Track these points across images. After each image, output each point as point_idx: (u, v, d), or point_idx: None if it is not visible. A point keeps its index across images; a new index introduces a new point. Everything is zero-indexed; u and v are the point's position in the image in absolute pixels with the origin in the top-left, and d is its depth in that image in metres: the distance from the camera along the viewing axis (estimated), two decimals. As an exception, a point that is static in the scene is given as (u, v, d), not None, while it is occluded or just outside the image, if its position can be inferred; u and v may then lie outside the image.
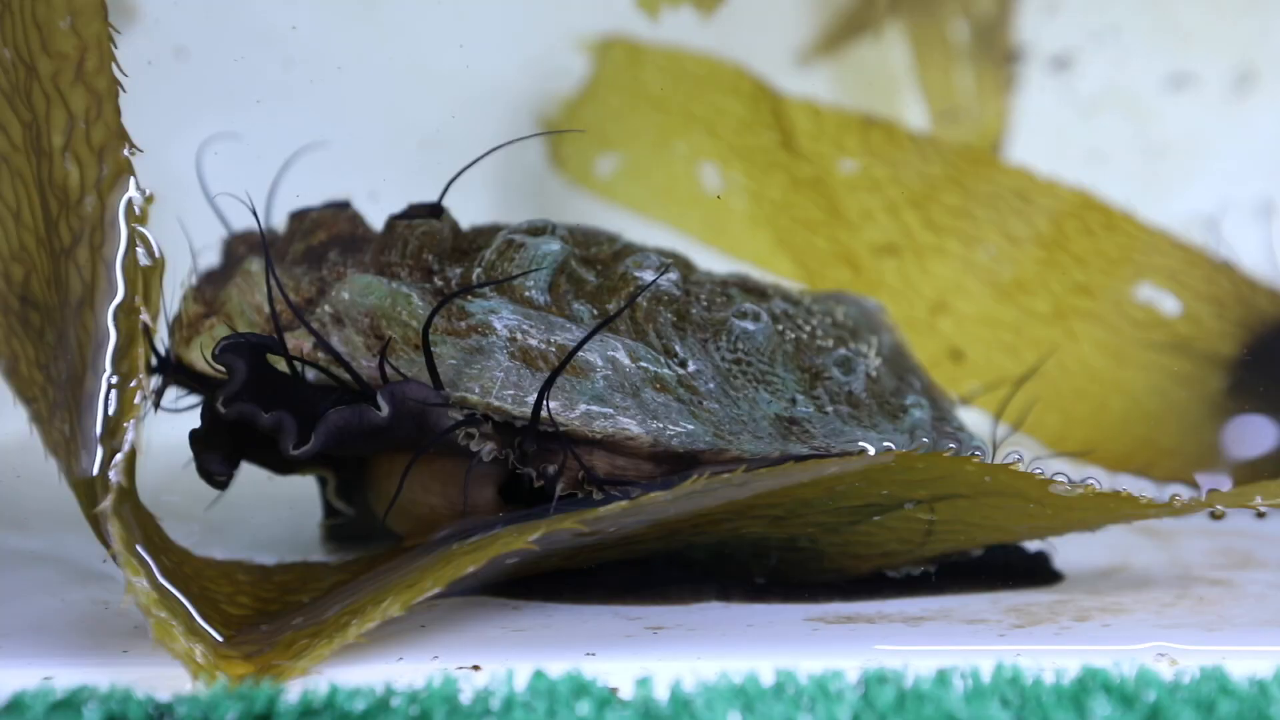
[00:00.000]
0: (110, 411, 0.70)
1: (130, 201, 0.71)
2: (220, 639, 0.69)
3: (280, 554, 0.88)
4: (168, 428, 0.80)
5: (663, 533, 0.77)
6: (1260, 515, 0.78)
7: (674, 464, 0.74)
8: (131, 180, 0.72)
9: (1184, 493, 0.80)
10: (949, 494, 0.74)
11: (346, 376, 0.74)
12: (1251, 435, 1.14)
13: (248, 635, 0.71)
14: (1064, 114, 1.32)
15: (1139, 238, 1.16)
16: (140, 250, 0.71)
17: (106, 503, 0.67)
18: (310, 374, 0.75)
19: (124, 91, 0.72)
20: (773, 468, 0.71)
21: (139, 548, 0.68)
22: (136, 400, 0.69)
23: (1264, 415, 1.14)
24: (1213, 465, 1.15)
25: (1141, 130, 1.32)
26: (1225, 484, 1.10)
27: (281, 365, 0.75)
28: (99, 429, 0.69)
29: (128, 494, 0.69)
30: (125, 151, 0.71)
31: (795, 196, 1.21)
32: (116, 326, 0.70)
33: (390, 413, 0.72)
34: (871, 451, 0.76)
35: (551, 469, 0.74)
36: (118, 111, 0.72)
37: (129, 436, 0.68)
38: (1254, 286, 1.15)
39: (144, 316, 0.70)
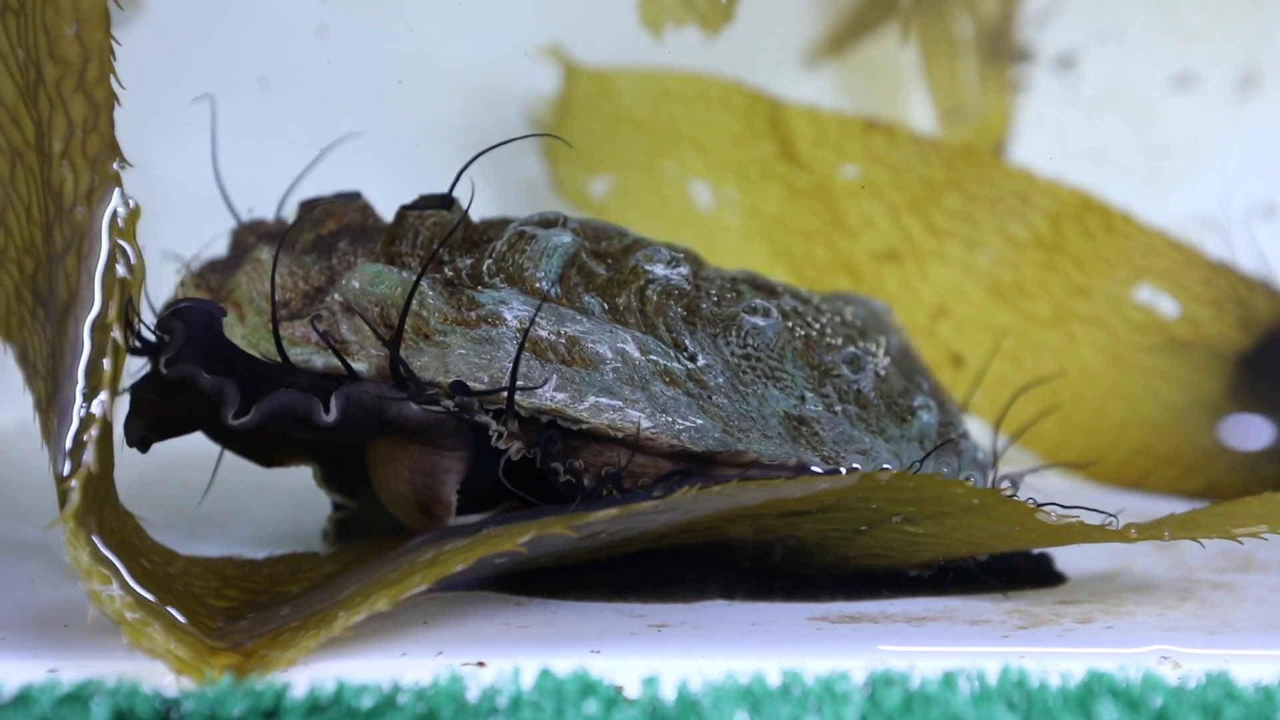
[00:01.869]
0: (80, 422, 0.70)
1: (114, 214, 0.71)
2: (205, 633, 0.69)
3: (281, 547, 0.87)
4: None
5: (653, 538, 0.77)
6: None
7: (691, 463, 0.74)
8: (117, 193, 0.72)
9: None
10: (937, 512, 0.75)
11: (356, 366, 0.74)
12: (1248, 431, 1.15)
13: (234, 626, 0.71)
14: (1067, 114, 1.32)
15: (1137, 239, 1.16)
16: (120, 265, 0.71)
17: (65, 513, 0.66)
18: (319, 362, 0.75)
19: (119, 105, 0.72)
20: (763, 482, 0.71)
21: (109, 553, 0.67)
22: (98, 412, 0.69)
23: (1261, 415, 1.14)
24: (1210, 473, 1.15)
25: (1144, 130, 1.32)
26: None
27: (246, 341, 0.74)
28: (70, 441, 0.69)
29: (93, 504, 0.68)
30: (115, 165, 0.72)
31: (793, 206, 1.21)
32: (92, 340, 0.70)
33: (338, 417, 0.72)
34: (858, 469, 0.76)
35: (578, 464, 0.74)
36: (112, 124, 0.72)
37: (89, 454, 0.68)
38: (1252, 287, 1.15)
39: (115, 334, 0.70)
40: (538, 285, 0.76)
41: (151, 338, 0.78)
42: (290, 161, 0.88)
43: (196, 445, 0.83)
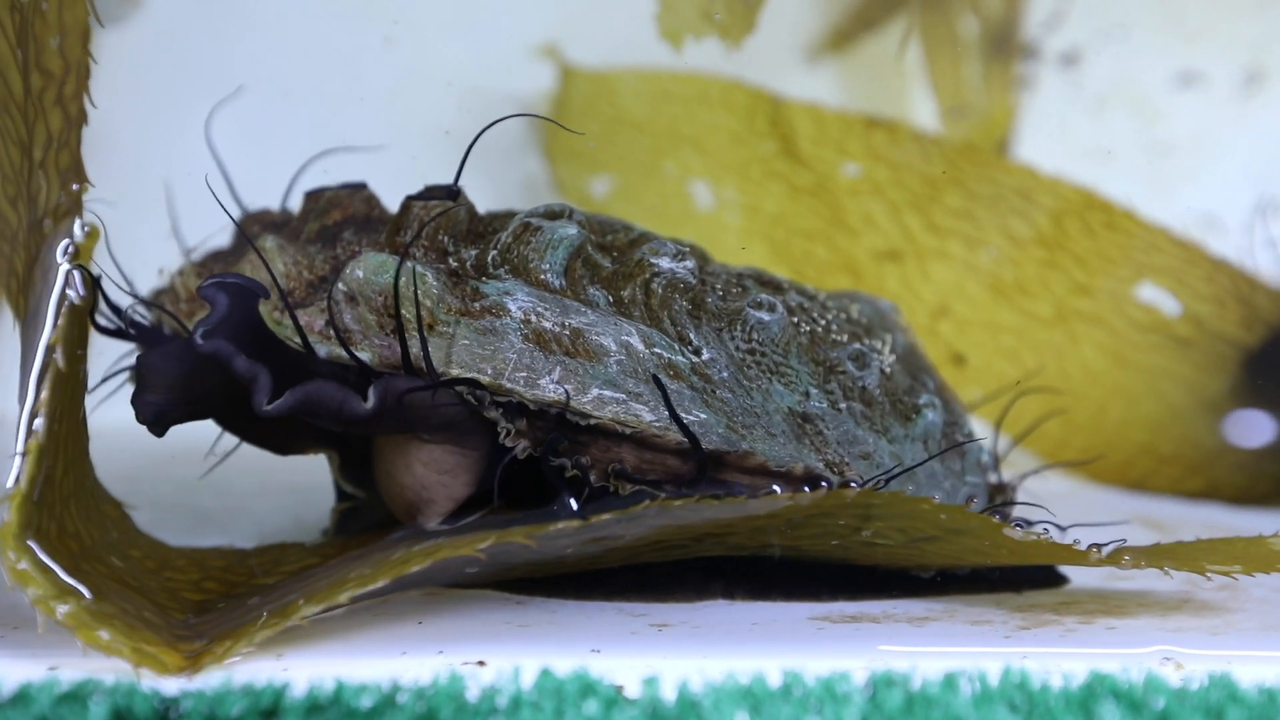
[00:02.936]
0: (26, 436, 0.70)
1: (70, 237, 0.72)
2: (172, 627, 0.69)
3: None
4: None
5: (625, 555, 0.77)
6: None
7: (702, 459, 0.74)
8: (76, 218, 0.72)
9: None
10: (907, 527, 0.75)
11: (361, 358, 0.73)
12: (1251, 429, 1.15)
13: (202, 619, 0.72)
14: (1071, 111, 1.32)
15: (1140, 237, 1.16)
16: (71, 290, 0.72)
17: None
18: (322, 351, 0.74)
19: (87, 125, 0.72)
20: (728, 499, 0.71)
21: (49, 560, 0.67)
22: (37, 427, 0.69)
23: (1264, 412, 1.14)
24: (1212, 472, 1.15)
25: (1148, 128, 1.32)
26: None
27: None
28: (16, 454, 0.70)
29: (50, 509, 0.69)
30: (74, 186, 0.72)
31: (793, 206, 1.21)
32: (43, 358, 0.71)
33: (375, 407, 0.71)
34: (824, 488, 0.75)
35: (584, 460, 0.73)
36: (79, 141, 0.72)
37: (16, 467, 0.68)
38: (1254, 285, 1.15)
39: (57, 355, 0.70)
40: (543, 277, 0.75)
41: (144, 323, 0.78)
42: (290, 160, 0.88)
43: (191, 442, 0.83)
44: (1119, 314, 1.17)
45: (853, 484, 0.76)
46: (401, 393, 0.72)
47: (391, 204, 0.81)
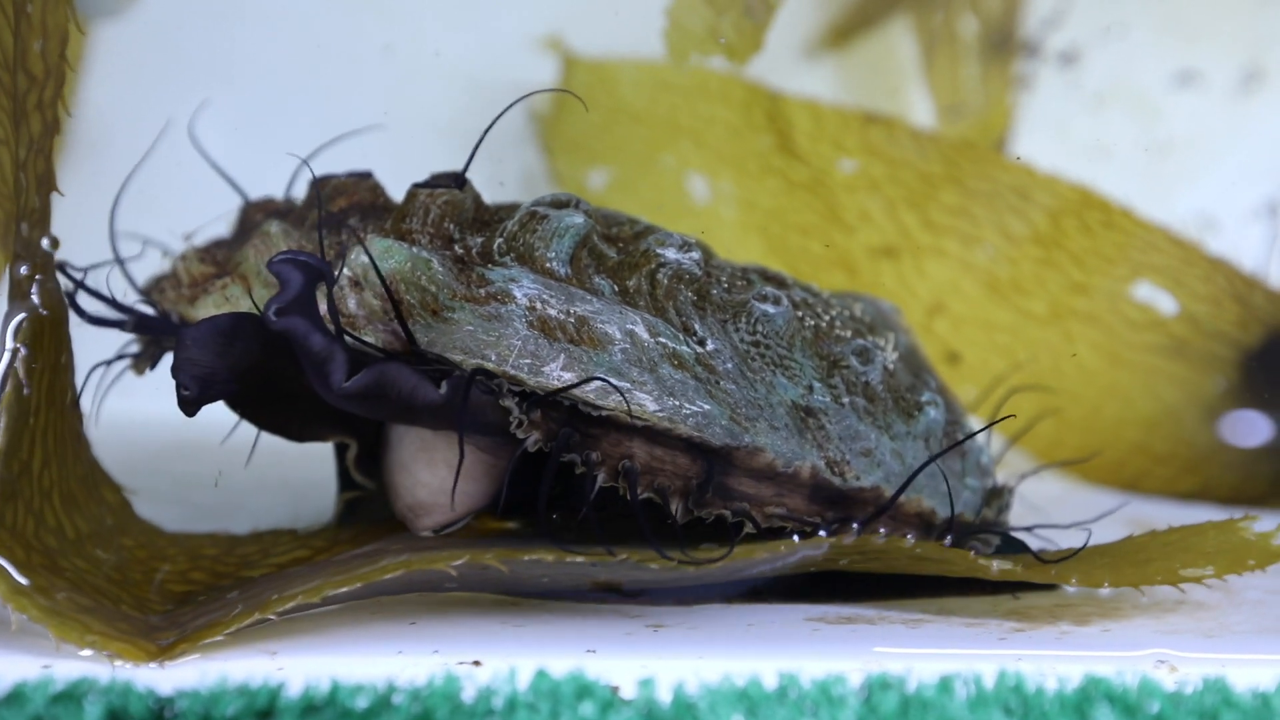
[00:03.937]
0: None
1: (35, 248, 0.72)
2: (150, 617, 0.70)
3: (276, 540, 0.87)
4: (167, 406, 0.79)
5: (604, 586, 0.78)
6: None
7: (711, 457, 0.74)
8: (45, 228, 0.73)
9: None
10: (883, 558, 0.76)
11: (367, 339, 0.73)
12: (1245, 429, 1.15)
13: (182, 610, 0.72)
14: (1069, 110, 1.32)
15: (1137, 235, 1.16)
16: (34, 308, 0.72)
17: None
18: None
19: (58, 133, 0.72)
20: (704, 563, 0.72)
21: (10, 566, 0.68)
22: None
23: (1259, 412, 1.14)
24: (1205, 472, 1.15)
25: (1147, 127, 1.32)
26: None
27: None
28: None
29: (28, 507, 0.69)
30: (47, 194, 0.72)
31: (789, 201, 1.21)
32: (5, 368, 0.71)
33: (447, 397, 0.70)
34: (798, 541, 0.76)
35: (594, 456, 0.73)
36: (53, 149, 0.73)
37: None
38: (1251, 285, 1.15)
39: (16, 364, 0.70)
40: (548, 265, 0.75)
41: (151, 313, 0.78)
42: (294, 151, 0.87)
43: (191, 438, 0.83)
44: (1115, 313, 1.17)
45: (823, 534, 0.76)
46: (469, 386, 0.71)
47: (396, 193, 0.80)
